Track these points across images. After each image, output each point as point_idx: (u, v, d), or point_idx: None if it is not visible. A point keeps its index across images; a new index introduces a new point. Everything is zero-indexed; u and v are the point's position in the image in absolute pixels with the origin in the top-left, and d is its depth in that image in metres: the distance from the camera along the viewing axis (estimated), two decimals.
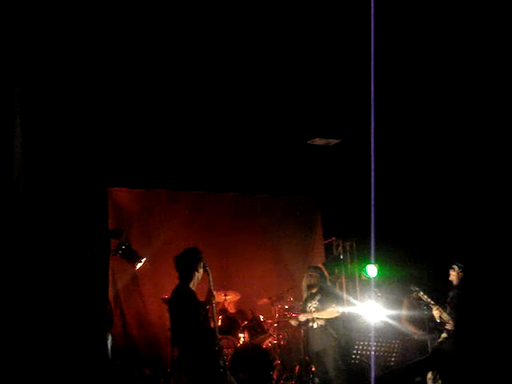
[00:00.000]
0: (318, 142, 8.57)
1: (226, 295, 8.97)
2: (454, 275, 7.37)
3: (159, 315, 8.88)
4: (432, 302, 7.22)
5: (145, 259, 7.97)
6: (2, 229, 4.92)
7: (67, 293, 6.85)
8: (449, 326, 7.13)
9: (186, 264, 5.94)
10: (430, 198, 9.03)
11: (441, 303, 7.34)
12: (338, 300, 6.92)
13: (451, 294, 7.40)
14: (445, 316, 7.19)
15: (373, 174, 5.69)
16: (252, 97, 7.12)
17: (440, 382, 6.97)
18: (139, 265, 8.01)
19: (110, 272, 8.68)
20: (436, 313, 7.22)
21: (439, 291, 7.61)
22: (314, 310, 6.81)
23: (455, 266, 7.36)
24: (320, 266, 7.55)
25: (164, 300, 8.30)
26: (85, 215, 7.80)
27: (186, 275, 5.89)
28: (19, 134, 5.23)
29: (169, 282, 9.01)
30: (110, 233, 8.44)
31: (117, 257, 7.98)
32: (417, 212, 9.20)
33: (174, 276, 9.17)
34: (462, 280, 7.33)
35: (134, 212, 9.30)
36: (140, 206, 9.38)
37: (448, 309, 7.26)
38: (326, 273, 7.37)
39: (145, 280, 9.06)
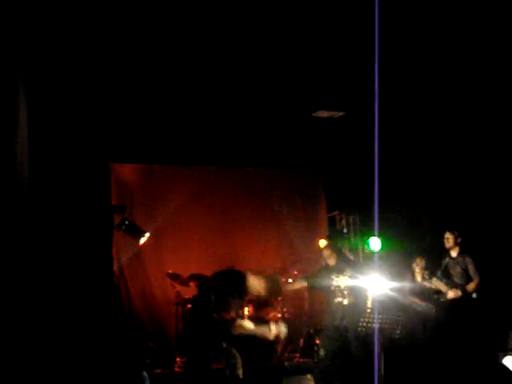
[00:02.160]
0: (322, 114, 8.51)
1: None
2: (449, 239, 7.37)
3: (163, 290, 8.92)
4: (425, 273, 7.25)
5: (148, 234, 7.99)
6: (6, 206, 4.90)
7: (72, 269, 6.86)
8: (450, 295, 7.14)
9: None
10: (434, 172, 9.00)
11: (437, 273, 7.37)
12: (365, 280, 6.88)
13: (443, 262, 7.42)
14: (442, 286, 7.20)
15: (377, 147, 5.66)
16: (255, 69, 7.05)
17: None
18: (143, 240, 8.04)
19: (113, 247, 8.69)
20: (433, 284, 7.24)
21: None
22: (344, 285, 6.76)
23: (448, 232, 7.37)
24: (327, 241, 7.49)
25: (169, 275, 8.34)
26: (87, 191, 7.77)
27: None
28: (23, 112, 5.20)
29: (172, 257, 9.08)
30: (113, 208, 8.44)
31: (120, 232, 8.00)
32: (421, 185, 9.17)
33: (177, 250, 9.22)
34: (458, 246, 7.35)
35: (136, 187, 9.28)
36: (142, 181, 9.36)
37: (443, 278, 7.28)
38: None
39: (148, 255, 9.07)
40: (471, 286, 7.18)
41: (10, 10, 4.73)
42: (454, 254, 7.40)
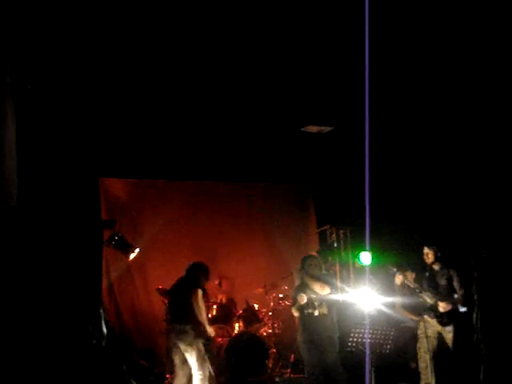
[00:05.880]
0: (311, 129, 8.52)
1: (220, 284, 8.96)
2: (428, 255, 7.39)
3: (152, 306, 8.86)
4: (417, 287, 7.24)
5: (138, 249, 7.93)
6: None
7: (60, 284, 6.80)
8: (441, 308, 7.12)
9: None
10: (425, 185, 9.02)
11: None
12: (333, 286, 6.77)
13: (426, 274, 7.42)
14: (430, 299, 7.18)
15: (367, 160, 5.65)
16: (244, 84, 7.06)
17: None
18: (132, 255, 7.96)
19: (103, 263, 8.63)
20: (423, 298, 7.23)
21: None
22: (315, 296, 6.61)
23: (426, 248, 7.39)
24: (315, 254, 7.41)
25: (158, 290, 8.28)
26: (77, 205, 7.73)
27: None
28: (11, 124, 5.16)
29: (161, 272, 9.04)
30: (102, 223, 8.38)
31: (110, 247, 7.94)
32: (411, 199, 9.19)
33: (167, 265, 9.19)
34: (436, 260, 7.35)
35: (126, 202, 9.25)
36: (132, 196, 9.33)
37: (431, 290, 7.26)
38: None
39: (138, 270, 9.02)
40: (459, 300, 7.18)
41: None
42: (436, 267, 7.40)
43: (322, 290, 6.55)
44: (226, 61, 6.53)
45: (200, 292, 6.44)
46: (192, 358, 6.52)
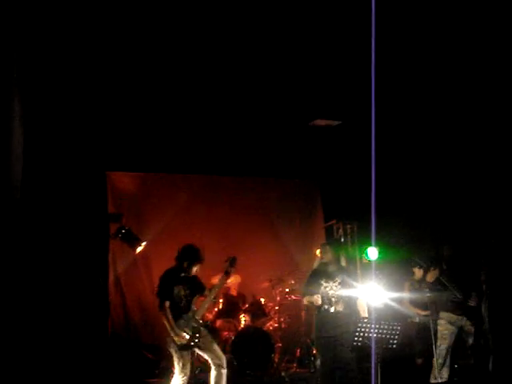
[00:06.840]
0: (319, 123, 8.50)
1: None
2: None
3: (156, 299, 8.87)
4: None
5: (145, 243, 7.95)
6: (2, 214, 4.88)
7: (68, 278, 6.84)
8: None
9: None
10: (432, 180, 8.99)
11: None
12: (358, 288, 6.73)
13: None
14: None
15: (373, 155, 5.64)
16: (253, 78, 7.05)
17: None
18: (139, 248, 7.99)
19: (110, 256, 8.64)
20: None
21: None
22: (332, 292, 6.56)
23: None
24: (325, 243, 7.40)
25: None
26: (84, 199, 7.75)
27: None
28: (18, 118, 5.18)
29: (168, 266, 9.03)
30: (109, 217, 8.41)
31: (117, 241, 7.96)
32: (418, 194, 9.16)
33: (173, 259, 9.20)
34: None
35: (133, 196, 9.25)
36: (139, 190, 9.34)
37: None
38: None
39: (144, 264, 9.03)
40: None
41: (5, 21, 4.72)
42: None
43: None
44: (235, 55, 6.53)
45: (166, 303, 6.56)
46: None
